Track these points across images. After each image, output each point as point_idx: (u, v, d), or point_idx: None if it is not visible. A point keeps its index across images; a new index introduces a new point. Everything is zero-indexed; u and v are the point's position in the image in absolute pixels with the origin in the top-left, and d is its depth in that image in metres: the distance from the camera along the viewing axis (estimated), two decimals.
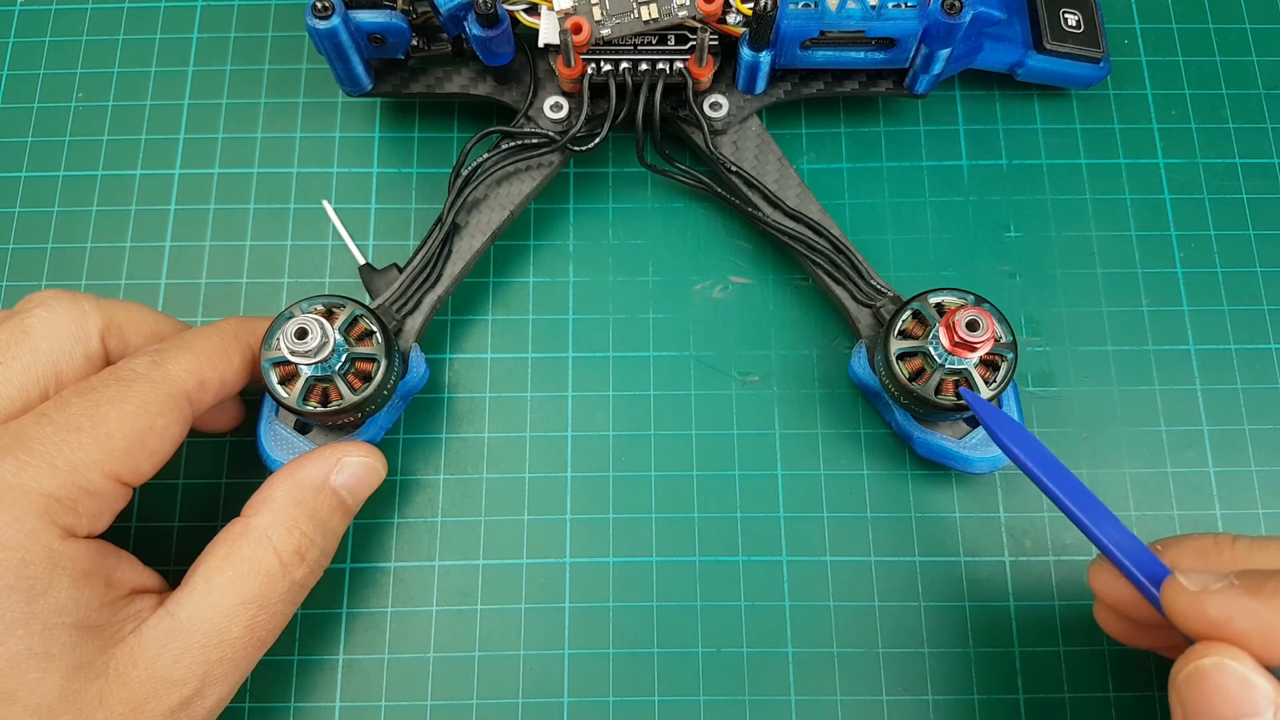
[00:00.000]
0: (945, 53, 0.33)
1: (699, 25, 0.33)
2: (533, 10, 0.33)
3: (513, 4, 0.32)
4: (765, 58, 0.33)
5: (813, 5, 0.32)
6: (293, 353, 0.28)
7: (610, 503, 0.34)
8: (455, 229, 0.34)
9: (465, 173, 0.34)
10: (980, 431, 0.32)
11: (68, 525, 0.25)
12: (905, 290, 0.33)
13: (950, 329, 0.29)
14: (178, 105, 0.38)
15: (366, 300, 0.34)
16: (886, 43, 0.33)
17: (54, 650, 0.24)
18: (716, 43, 0.34)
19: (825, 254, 0.34)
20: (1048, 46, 0.36)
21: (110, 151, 0.38)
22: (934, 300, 0.31)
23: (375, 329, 0.31)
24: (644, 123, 0.34)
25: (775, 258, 0.37)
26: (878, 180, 0.38)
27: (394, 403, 0.32)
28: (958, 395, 0.30)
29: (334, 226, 0.36)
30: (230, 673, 0.27)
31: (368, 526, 0.33)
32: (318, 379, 0.30)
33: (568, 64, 0.33)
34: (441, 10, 0.32)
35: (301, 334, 0.28)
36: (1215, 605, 0.23)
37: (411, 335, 0.33)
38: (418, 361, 0.33)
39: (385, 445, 0.34)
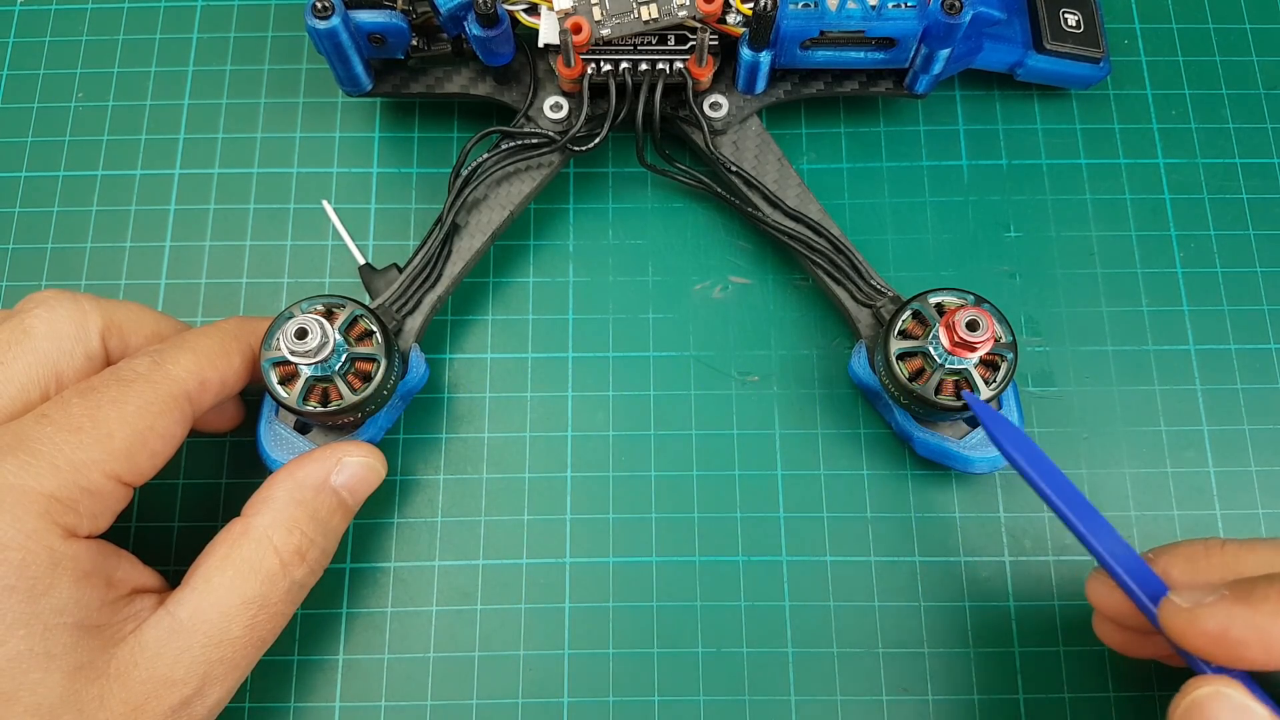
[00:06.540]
0: (945, 53, 0.33)
1: (699, 25, 0.33)
2: (533, 10, 0.33)
3: (513, 4, 0.32)
4: (765, 58, 0.33)
5: (813, 5, 0.32)
6: (293, 353, 0.28)
7: (610, 503, 0.34)
8: (455, 229, 0.34)
9: (465, 173, 0.34)
10: (980, 431, 0.32)
11: (69, 525, 0.25)
12: (905, 290, 0.33)
13: (950, 329, 0.29)
14: (178, 105, 0.38)
15: (366, 300, 0.34)
16: (886, 43, 0.33)
17: (55, 650, 0.24)
18: (716, 43, 0.34)
19: (825, 254, 0.34)
20: (1048, 46, 0.36)
21: (110, 151, 0.38)
22: (934, 300, 0.31)
23: (375, 329, 0.31)
24: (644, 123, 0.34)
25: (775, 258, 0.37)
26: (878, 180, 0.38)
27: (394, 403, 0.32)
28: (958, 396, 0.30)
29: (334, 226, 0.36)
30: (230, 672, 0.27)
31: (368, 526, 0.33)
32: (318, 379, 0.30)
33: (568, 64, 0.33)
34: (441, 10, 0.32)
35: (301, 334, 0.28)
36: (1210, 618, 0.23)
37: (411, 335, 0.33)
38: (418, 361, 0.33)
39: (385, 445, 0.34)
